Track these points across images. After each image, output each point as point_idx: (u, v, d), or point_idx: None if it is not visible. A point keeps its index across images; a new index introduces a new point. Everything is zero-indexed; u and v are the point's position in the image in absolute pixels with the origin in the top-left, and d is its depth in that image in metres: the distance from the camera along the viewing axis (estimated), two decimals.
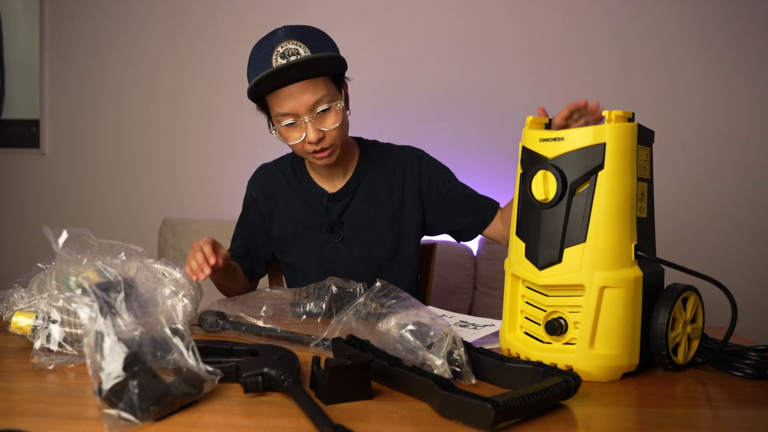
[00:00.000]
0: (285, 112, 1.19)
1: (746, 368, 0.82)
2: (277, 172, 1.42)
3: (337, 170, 1.36)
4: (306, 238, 1.37)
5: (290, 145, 1.25)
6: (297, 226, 1.37)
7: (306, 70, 1.17)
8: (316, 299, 1.10)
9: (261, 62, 1.19)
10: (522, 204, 0.88)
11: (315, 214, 1.36)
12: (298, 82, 1.18)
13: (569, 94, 2.40)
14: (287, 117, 1.20)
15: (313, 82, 1.18)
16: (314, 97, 1.18)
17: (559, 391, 0.67)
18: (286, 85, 1.18)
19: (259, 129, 2.55)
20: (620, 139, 0.80)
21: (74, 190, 2.63)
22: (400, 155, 1.40)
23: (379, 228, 1.35)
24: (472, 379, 0.74)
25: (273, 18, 2.52)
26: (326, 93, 1.19)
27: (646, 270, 0.81)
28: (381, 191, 1.36)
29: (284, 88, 1.18)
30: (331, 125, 1.21)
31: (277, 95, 1.20)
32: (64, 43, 2.61)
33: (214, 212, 2.55)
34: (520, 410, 0.63)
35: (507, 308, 0.90)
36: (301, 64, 1.16)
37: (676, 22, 2.34)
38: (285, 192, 1.39)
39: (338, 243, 1.35)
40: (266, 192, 1.41)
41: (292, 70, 1.16)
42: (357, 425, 0.61)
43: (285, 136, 1.23)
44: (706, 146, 2.36)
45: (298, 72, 1.17)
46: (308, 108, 1.18)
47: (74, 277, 0.75)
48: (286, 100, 1.19)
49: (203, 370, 0.66)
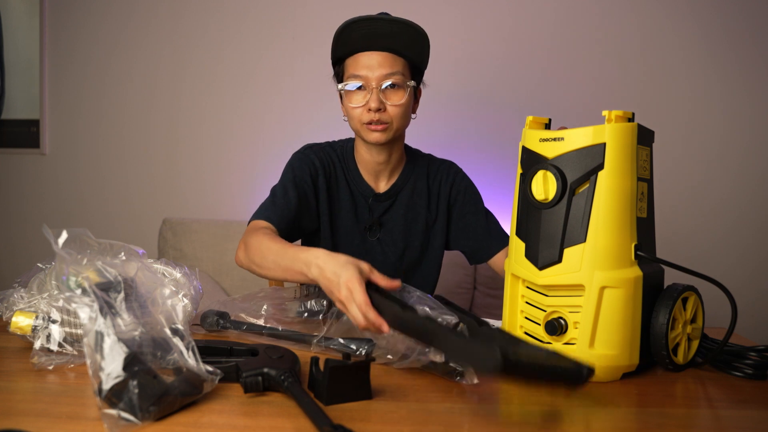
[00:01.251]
0: (358, 73, 1.23)
1: (746, 368, 0.82)
2: (332, 155, 1.39)
3: (386, 168, 1.36)
4: (344, 231, 1.36)
5: (350, 111, 1.26)
6: (339, 215, 1.36)
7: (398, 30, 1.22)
8: (316, 298, 1.10)
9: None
10: (522, 204, 0.88)
11: (358, 210, 1.36)
12: (381, 52, 1.23)
13: (569, 94, 2.41)
14: (358, 79, 1.23)
15: (394, 58, 1.24)
16: (390, 69, 1.23)
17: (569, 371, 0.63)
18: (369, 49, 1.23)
19: (259, 129, 2.56)
20: (620, 139, 0.80)
21: (74, 190, 2.63)
22: (441, 167, 1.42)
23: (413, 234, 1.38)
24: (473, 380, 0.74)
25: (273, 18, 2.52)
26: (401, 72, 1.24)
27: (646, 270, 0.81)
28: (420, 199, 1.38)
29: (366, 52, 1.23)
30: (396, 101, 1.24)
31: (357, 58, 1.24)
32: (64, 43, 2.61)
33: (214, 212, 2.55)
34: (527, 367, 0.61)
35: (507, 308, 0.90)
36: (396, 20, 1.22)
37: (676, 22, 2.34)
38: (338, 178, 1.37)
39: (373, 242, 1.36)
40: (325, 170, 1.36)
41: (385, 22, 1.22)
42: (357, 425, 0.61)
43: (349, 98, 1.25)
44: (706, 146, 2.36)
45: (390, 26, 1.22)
46: (380, 77, 1.23)
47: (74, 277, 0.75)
48: (363, 65, 1.23)
49: (203, 370, 0.66)
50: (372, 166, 1.35)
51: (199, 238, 2.31)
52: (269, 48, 2.53)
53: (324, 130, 2.50)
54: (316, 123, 2.52)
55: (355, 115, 1.25)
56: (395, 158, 1.35)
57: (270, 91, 2.55)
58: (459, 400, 0.70)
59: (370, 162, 1.34)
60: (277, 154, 2.69)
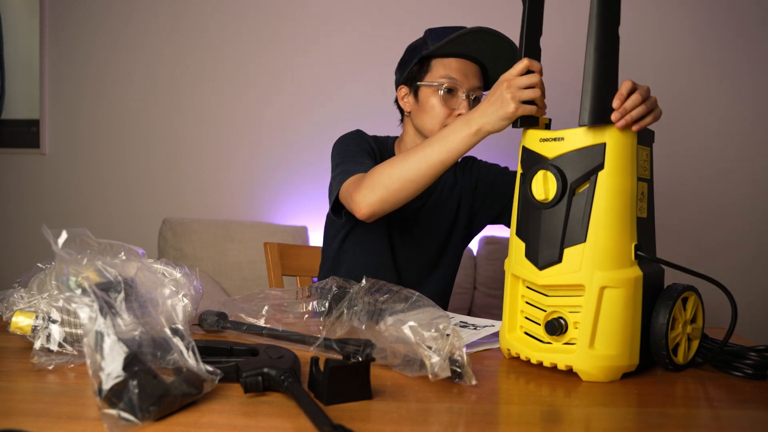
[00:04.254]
0: (453, 76, 1.27)
1: (746, 368, 0.82)
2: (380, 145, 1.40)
3: None
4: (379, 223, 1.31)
5: (435, 109, 1.28)
6: None
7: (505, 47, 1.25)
8: (318, 299, 1.10)
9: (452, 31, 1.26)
10: (522, 204, 0.88)
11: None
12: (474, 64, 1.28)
13: (569, 93, 2.40)
14: (452, 81, 1.27)
15: (481, 73, 1.30)
16: (479, 82, 1.29)
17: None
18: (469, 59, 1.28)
19: (259, 129, 2.56)
20: (620, 139, 0.80)
21: (74, 190, 2.63)
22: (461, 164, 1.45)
23: (436, 234, 1.39)
24: (472, 380, 0.74)
25: (273, 18, 2.52)
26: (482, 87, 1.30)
27: (646, 270, 0.81)
28: (449, 199, 1.40)
29: (463, 59, 1.28)
30: None
31: (451, 61, 1.28)
32: (64, 43, 2.61)
33: (214, 212, 2.55)
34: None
35: (507, 308, 0.90)
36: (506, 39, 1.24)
37: (677, 22, 2.34)
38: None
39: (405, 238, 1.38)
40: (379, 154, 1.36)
41: (501, 38, 1.24)
42: (357, 425, 0.61)
43: (442, 99, 1.27)
44: (706, 146, 2.36)
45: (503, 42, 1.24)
46: (471, 86, 1.27)
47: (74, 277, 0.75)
48: (459, 69, 1.27)
49: (203, 370, 0.66)
50: None
51: (199, 238, 2.31)
52: (269, 48, 2.53)
53: (324, 130, 2.50)
54: (316, 123, 2.52)
55: (440, 114, 1.27)
56: None
57: (270, 91, 2.55)
58: (459, 400, 0.70)
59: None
60: (277, 154, 2.70)
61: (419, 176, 1.06)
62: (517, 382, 0.79)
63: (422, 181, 1.07)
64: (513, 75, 0.94)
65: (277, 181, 2.54)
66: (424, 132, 1.31)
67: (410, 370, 0.76)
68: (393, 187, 1.08)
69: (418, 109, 1.31)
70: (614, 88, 0.81)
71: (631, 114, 0.80)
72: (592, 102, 0.79)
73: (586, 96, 0.80)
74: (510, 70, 0.95)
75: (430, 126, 1.29)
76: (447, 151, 1.03)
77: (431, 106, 1.28)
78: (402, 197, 1.10)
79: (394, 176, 1.07)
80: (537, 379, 0.80)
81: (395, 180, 1.07)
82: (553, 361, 0.82)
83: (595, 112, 0.80)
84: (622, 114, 0.79)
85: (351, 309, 0.92)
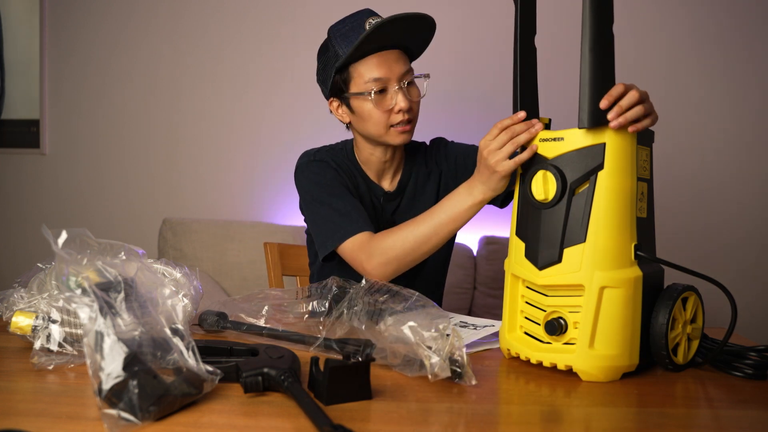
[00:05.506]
0: (378, 76, 1.20)
1: (746, 368, 0.82)
2: (339, 158, 1.34)
3: (391, 167, 1.34)
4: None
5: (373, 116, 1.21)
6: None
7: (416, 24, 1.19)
8: (318, 299, 1.10)
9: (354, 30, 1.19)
10: (522, 204, 0.88)
11: (370, 211, 1.33)
12: (392, 50, 1.21)
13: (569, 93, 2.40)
14: (379, 83, 1.20)
15: (403, 55, 1.23)
16: (405, 66, 1.22)
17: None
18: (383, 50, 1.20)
19: (259, 129, 2.56)
20: (620, 139, 0.80)
21: (74, 190, 2.63)
22: (432, 147, 1.41)
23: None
24: (472, 380, 0.74)
25: (273, 18, 2.52)
26: (411, 67, 1.24)
27: (645, 270, 0.81)
28: (425, 189, 1.37)
29: (379, 53, 1.20)
30: (417, 97, 1.24)
31: (368, 61, 1.21)
32: (64, 43, 2.61)
33: (214, 212, 2.55)
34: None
35: (507, 308, 0.90)
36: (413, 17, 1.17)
37: (676, 22, 2.34)
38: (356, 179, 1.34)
39: None
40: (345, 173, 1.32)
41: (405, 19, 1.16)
42: (357, 425, 0.61)
43: (376, 102, 1.20)
44: (706, 146, 2.36)
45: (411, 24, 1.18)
46: (399, 76, 1.21)
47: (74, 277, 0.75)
48: (380, 66, 1.20)
49: (203, 370, 0.66)
50: (378, 166, 1.33)
51: (199, 238, 2.31)
52: (269, 48, 2.53)
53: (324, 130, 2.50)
54: (316, 123, 2.51)
55: (381, 120, 1.22)
56: (399, 155, 1.35)
57: (270, 91, 2.55)
58: (459, 400, 0.70)
59: (376, 162, 1.32)
60: (277, 153, 2.69)
61: (429, 247, 1.12)
62: (516, 382, 0.79)
63: (432, 249, 1.13)
64: (487, 142, 0.96)
65: (277, 181, 2.54)
66: (372, 138, 1.26)
67: (410, 370, 0.76)
68: (406, 260, 1.14)
69: (356, 119, 1.26)
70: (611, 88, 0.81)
71: (626, 116, 0.79)
72: (590, 104, 0.79)
73: (583, 99, 0.80)
74: (484, 137, 0.97)
75: (376, 131, 1.24)
76: (453, 221, 1.09)
77: (368, 114, 1.22)
78: (414, 264, 1.16)
79: (407, 248, 1.12)
80: (537, 379, 0.80)
81: (408, 253, 1.13)
82: (552, 361, 0.82)
83: (594, 114, 0.79)
84: (618, 113, 0.79)
85: (351, 309, 0.92)
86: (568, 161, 0.81)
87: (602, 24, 0.80)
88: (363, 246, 1.16)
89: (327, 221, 1.22)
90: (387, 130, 1.23)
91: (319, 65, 1.30)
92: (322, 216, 1.23)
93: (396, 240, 1.13)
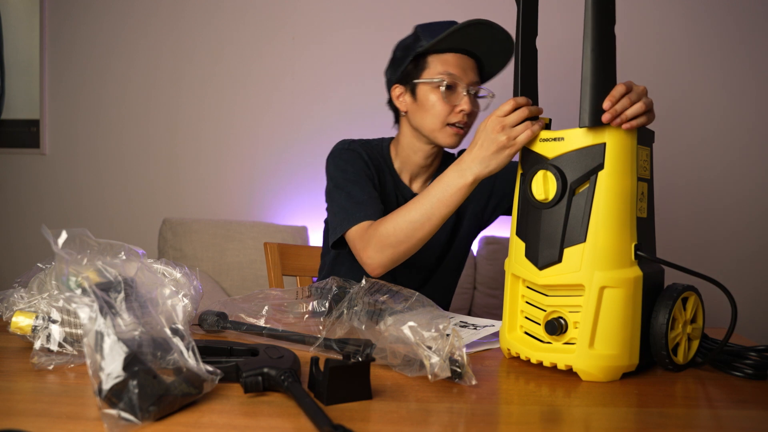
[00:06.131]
0: (453, 72, 1.23)
1: (746, 368, 0.82)
2: (373, 153, 1.35)
3: (427, 170, 1.36)
4: None
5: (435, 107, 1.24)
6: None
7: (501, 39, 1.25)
8: (318, 299, 1.10)
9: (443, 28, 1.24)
10: (522, 204, 0.88)
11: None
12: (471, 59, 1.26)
13: (569, 93, 2.40)
14: (452, 78, 1.23)
15: (477, 68, 1.27)
16: (476, 78, 1.27)
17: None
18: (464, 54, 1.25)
19: (259, 129, 2.56)
20: (620, 139, 0.80)
21: (74, 190, 2.63)
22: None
23: (440, 235, 1.36)
24: (472, 380, 0.74)
25: (273, 18, 2.52)
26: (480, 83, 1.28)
27: (646, 270, 0.81)
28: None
29: (459, 55, 1.25)
30: (478, 109, 1.27)
31: (448, 57, 1.25)
32: (64, 43, 2.61)
33: (214, 212, 2.55)
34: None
35: (507, 308, 0.90)
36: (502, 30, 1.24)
37: (676, 22, 2.34)
38: (384, 177, 1.34)
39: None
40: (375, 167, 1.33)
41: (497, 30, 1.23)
42: (357, 425, 0.61)
43: (443, 95, 1.23)
44: (706, 146, 2.36)
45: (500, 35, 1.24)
46: (470, 82, 1.24)
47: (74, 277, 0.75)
48: (457, 66, 1.24)
49: (203, 370, 0.66)
50: (413, 168, 1.34)
51: (199, 238, 2.31)
52: (269, 48, 2.53)
53: (324, 130, 2.50)
54: (316, 123, 2.52)
55: (441, 113, 1.23)
56: (437, 161, 1.36)
57: (269, 91, 2.55)
58: (459, 400, 0.70)
59: (414, 163, 1.33)
60: (276, 153, 2.70)
61: (424, 233, 1.09)
62: (516, 382, 0.79)
63: (427, 235, 1.10)
64: (499, 119, 0.94)
65: (277, 181, 2.54)
66: (423, 131, 1.27)
67: (410, 370, 0.76)
68: (400, 248, 1.11)
69: (416, 108, 1.27)
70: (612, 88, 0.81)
71: (621, 117, 0.79)
72: (591, 103, 0.80)
73: (584, 98, 0.80)
74: (496, 110, 0.95)
75: (431, 124, 1.24)
76: (445, 206, 1.06)
77: (432, 104, 1.23)
78: (410, 252, 1.14)
79: (400, 236, 1.10)
80: (537, 379, 0.80)
81: (402, 240, 1.10)
82: (552, 360, 0.82)
83: (595, 114, 0.80)
84: (612, 115, 0.79)
85: (351, 309, 0.92)
86: (569, 161, 0.81)
87: (604, 23, 0.80)
88: (362, 234, 1.16)
89: (341, 208, 1.23)
90: (442, 127, 1.24)
91: (397, 52, 1.33)
92: (338, 202, 1.24)
93: (389, 227, 1.11)
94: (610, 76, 0.81)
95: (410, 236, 1.10)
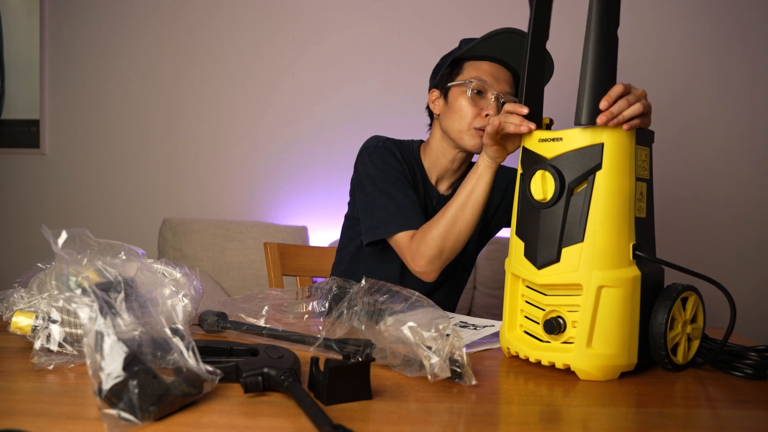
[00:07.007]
0: (483, 78, 1.25)
1: (746, 368, 0.82)
2: (405, 152, 1.37)
3: (455, 173, 1.37)
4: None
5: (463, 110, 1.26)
6: None
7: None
8: (318, 299, 1.10)
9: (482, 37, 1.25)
10: (521, 204, 0.88)
11: (427, 211, 1.35)
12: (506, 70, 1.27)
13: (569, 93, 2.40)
14: (481, 84, 1.25)
15: (512, 81, 1.28)
16: (509, 88, 1.27)
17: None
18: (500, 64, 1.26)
19: (259, 129, 2.56)
20: (618, 139, 0.80)
21: (74, 190, 2.63)
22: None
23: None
24: (472, 380, 0.74)
25: (273, 18, 2.52)
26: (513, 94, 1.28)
27: (644, 270, 0.81)
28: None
29: (494, 64, 1.26)
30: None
31: (482, 64, 1.27)
32: (64, 43, 2.61)
33: (214, 212, 2.55)
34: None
35: (507, 307, 0.90)
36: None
37: (675, 22, 2.34)
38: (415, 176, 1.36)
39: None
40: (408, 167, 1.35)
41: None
42: (357, 425, 0.61)
43: (471, 99, 1.25)
44: (706, 146, 2.36)
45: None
46: (501, 91, 1.25)
47: (74, 277, 0.75)
48: (490, 73, 1.26)
49: (203, 370, 0.66)
50: (441, 170, 1.36)
51: (199, 238, 2.32)
52: (269, 48, 2.53)
53: (324, 130, 2.50)
54: (316, 123, 2.52)
55: (467, 115, 1.26)
56: (465, 165, 1.37)
57: (269, 91, 2.55)
58: (459, 400, 0.70)
59: (443, 165, 1.35)
60: (277, 154, 2.70)
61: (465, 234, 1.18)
62: (516, 381, 0.80)
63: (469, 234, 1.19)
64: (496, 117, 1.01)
65: (277, 181, 2.55)
66: (450, 134, 1.29)
67: (410, 371, 0.76)
68: (446, 254, 1.19)
69: (446, 111, 1.30)
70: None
71: (618, 119, 0.80)
72: (589, 101, 0.80)
73: (582, 95, 0.80)
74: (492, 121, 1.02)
75: (458, 126, 1.27)
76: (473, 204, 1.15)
77: (459, 106, 1.26)
78: (456, 252, 1.21)
79: (448, 244, 1.18)
80: (536, 379, 0.80)
81: (449, 247, 1.18)
82: (551, 359, 0.82)
83: (591, 112, 0.80)
84: (608, 117, 0.79)
85: (351, 309, 0.92)
86: (567, 161, 0.81)
87: (608, 25, 0.80)
88: (408, 244, 1.22)
89: (382, 209, 1.26)
90: (468, 129, 1.26)
91: (439, 61, 1.36)
92: (377, 203, 1.27)
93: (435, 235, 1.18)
94: (611, 76, 0.81)
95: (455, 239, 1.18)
